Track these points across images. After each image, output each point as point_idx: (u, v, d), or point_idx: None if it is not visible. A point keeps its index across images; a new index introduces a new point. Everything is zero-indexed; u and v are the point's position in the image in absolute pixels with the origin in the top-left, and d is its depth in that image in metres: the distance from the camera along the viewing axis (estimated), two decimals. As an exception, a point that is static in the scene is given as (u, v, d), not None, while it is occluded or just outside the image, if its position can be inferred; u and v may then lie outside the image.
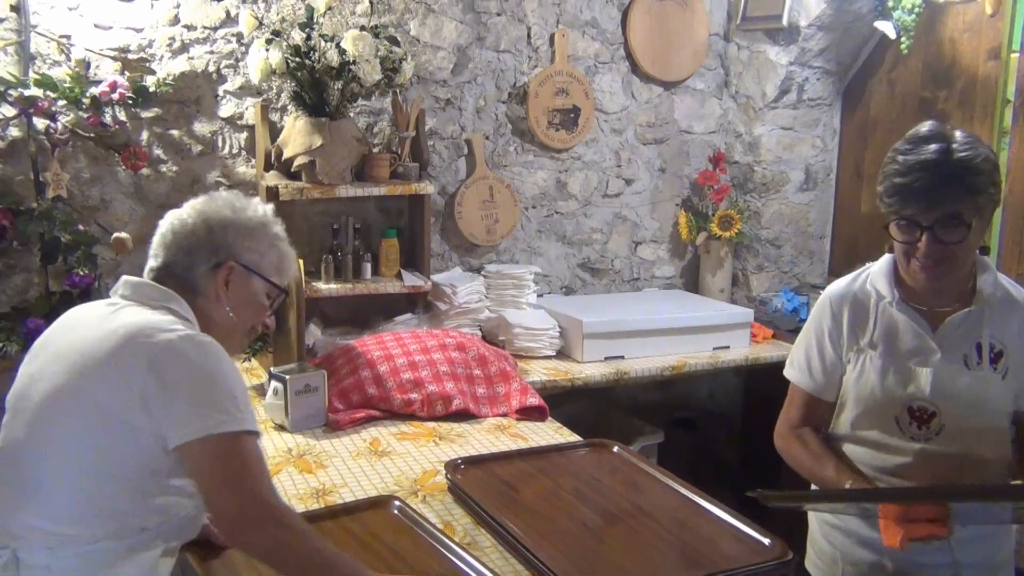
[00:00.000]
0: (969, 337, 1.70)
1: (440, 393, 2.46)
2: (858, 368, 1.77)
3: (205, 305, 1.57)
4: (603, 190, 3.65)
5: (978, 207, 1.59)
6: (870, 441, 1.77)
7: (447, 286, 3.14)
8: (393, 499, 1.85)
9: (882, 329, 1.75)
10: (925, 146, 1.60)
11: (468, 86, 3.34)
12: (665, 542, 1.72)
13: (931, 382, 1.69)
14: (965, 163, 1.57)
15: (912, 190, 1.58)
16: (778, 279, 3.82)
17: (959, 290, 1.71)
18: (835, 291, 1.83)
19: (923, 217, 1.59)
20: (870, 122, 3.63)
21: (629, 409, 3.63)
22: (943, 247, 1.60)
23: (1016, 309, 1.72)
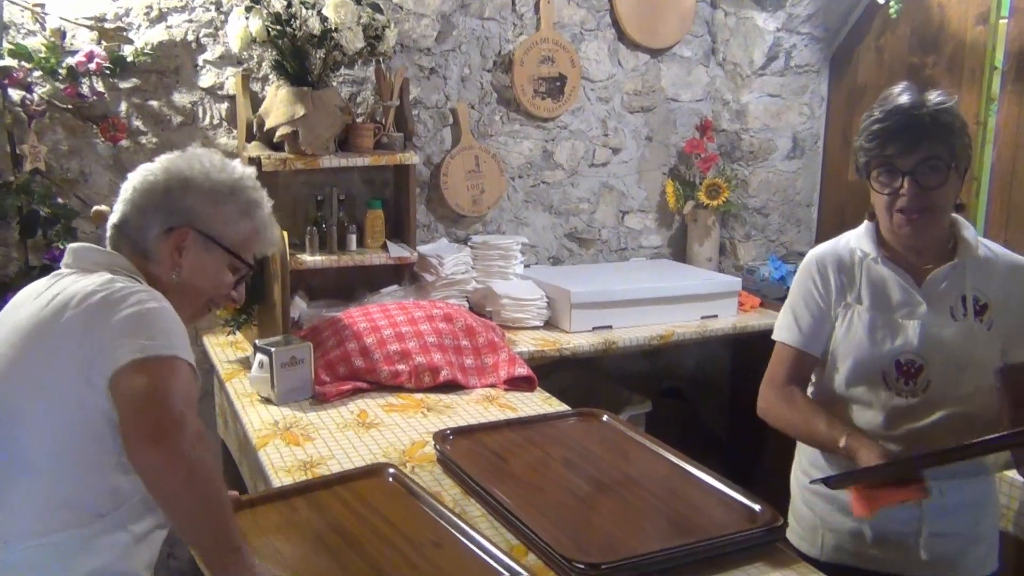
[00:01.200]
0: (953, 290, 1.73)
1: (428, 364, 2.44)
2: (846, 324, 1.79)
3: (156, 270, 1.49)
4: (590, 159, 3.62)
5: (954, 152, 1.64)
6: (857, 399, 1.80)
7: (433, 257, 3.11)
8: (388, 467, 1.83)
9: (868, 284, 1.78)
10: (901, 95, 1.68)
11: (452, 54, 3.30)
12: (655, 510, 1.71)
13: (919, 334, 1.71)
14: (940, 107, 1.64)
15: (891, 130, 1.64)
16: (765, 248, 3.82)
17: (939, 248, 1.75)
18: (819, 252, 1.87)
19: (903, 161, 1.64)
20: (858, 89, 3.61)
21: (617, 379, 3.63)
22: (925, 194, 1.64)
23: (996, 265, 1.76)
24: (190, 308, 1.54)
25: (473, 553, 1.52)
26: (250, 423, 2.19)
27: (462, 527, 1.58)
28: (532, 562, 1.52)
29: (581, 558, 1.45)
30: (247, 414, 2.24)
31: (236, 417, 2.29)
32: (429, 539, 1.57)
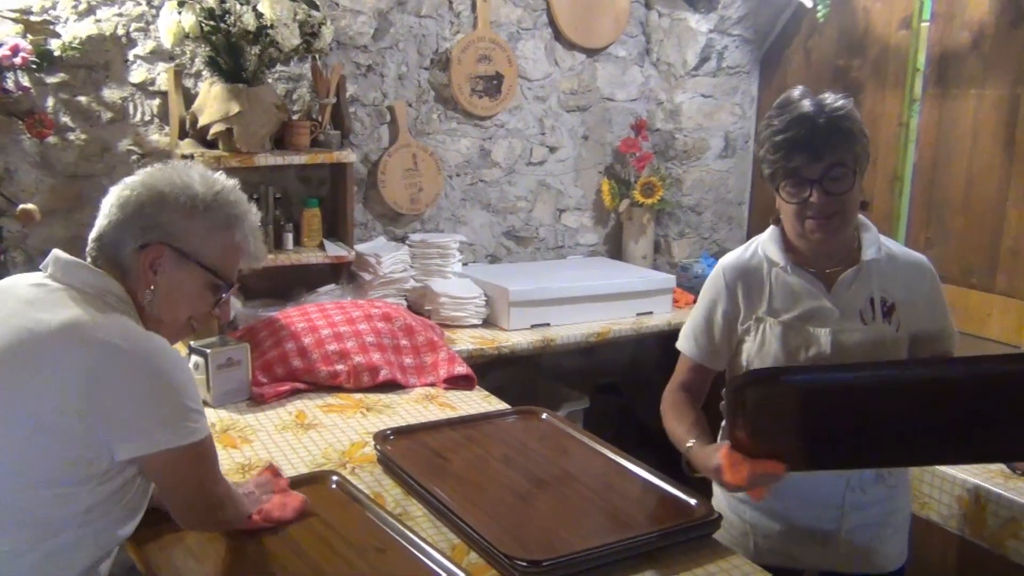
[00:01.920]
0: (861, 293, 1.75)
1: (366, 364, 2.44)
2: (758, 338, 1.79)
3: (134, 288, 1.43)
4: (527, 158, 3.65)
5: (856, 155, 1.66)
6: None
7: (371, 256, 3.10)
8: (331, 474, 1.83)
9: (779, 295, 1.78)
10: (800, 102, 1.67)
11: (390, 52, 3.29)
12: (594, 505, 1.74)
13: (831, 341, 1.72)
14: (839, 112, 1.64)
15: (794, 142, 1.63)
16: (699, 245, 3.89)
17: (845, 250, 1.77)
18: (727, 262, 1.86)
19: (809, 170, 1.63)
20: (787, 90, 3.69)
21: (555, 376, 3.66)
22: (833, 200, 1.65)
23: (899, 264, 1.79)
24: (169, 328, 1.48)
25: (416, 558, 1.52)
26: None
27: (405, 532, 1.58)
28: (474, 560, 1.54)
29: (522, 555, 1.47)
30: (182, 417, 2.21)
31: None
32: (373, 545, 1.57)
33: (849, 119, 1.66)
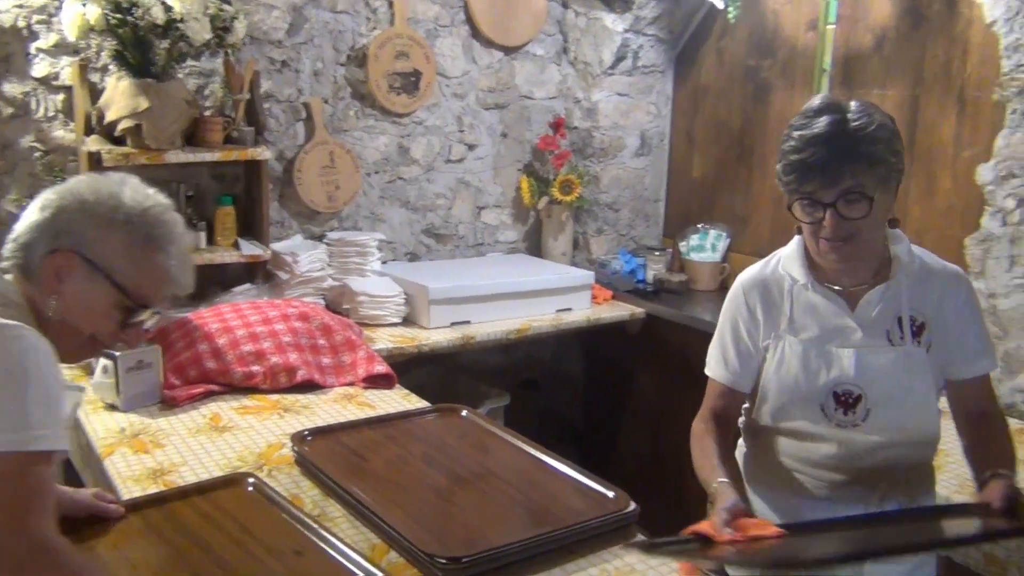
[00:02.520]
0: (889, 312, 1.64)
1: (283, 364, 2.40)
2: (778, 356, 1.69)
3: (36, 295, 1.35)
4: (446, 155, 3.64)
5: (879, 178, 1.53)
6: (795, 432, 1.70)
7: (288, 255, 3.05)
8: (247, 476, 1.79)
9: (799, 313, 1.68)
10: (818, 119, 1.54)
11: (305, 47, 3.24)
12: (514, 501, 1.75)
13: (855, 363, 1.63)
14: (860, 133, 1.52)
15: (809, 166, 1.52)
16: (617, 242, 3.94)
17: (873, 266, 1.66)
18: (746, 278, 1.76)
19: (824, 194, 1.53)
20: (700, 89, 3.77)
21: (476, 373, 3.67)
22: (848, 223, 1.54)
23: (933, 279, 1.67)
24: (69, 345, 1.37)
25: (334, 560, 1.51)
26: (93, 431, 2.09)
27: (323, 534, 1.56)
28: (394, 560, 1.53)
29: (442, 553, 1.46)
30: (90, 422, 2.14)
31: (78, 425, 2.18)
32: (290, 548, 1.54)
33: (872, 141, 1.52)
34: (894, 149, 1.55)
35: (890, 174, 1.55)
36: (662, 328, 3.40)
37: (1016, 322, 2.53)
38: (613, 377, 3.79)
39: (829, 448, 1.66)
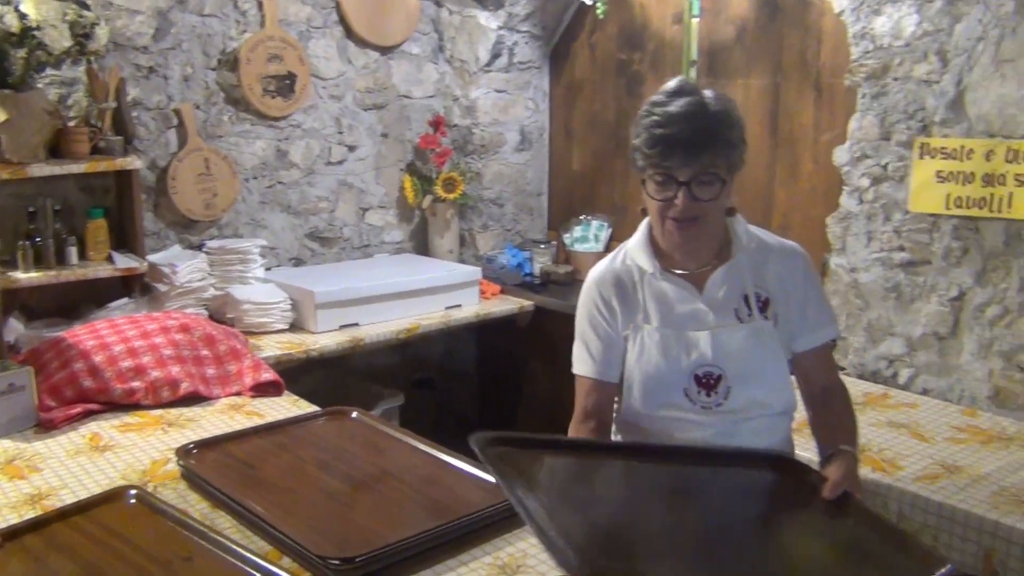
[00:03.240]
0: (734, 291, 1.71)
1: (165, 378, 2.34)
2: (638, 346, 1.73)
3: None
4: (326, 157, 3.60)
5: (731, 162, 1.61)
6: (664, 419, 1.73)
7: (165, 266, 2.97)
8: (128, 488, 1.74)
9: (652, 302, 1.73)
10: (678, 99, 1.59)
11: (172, 53, 3.15)
12: (411, 499, 1.75)
13: (711, 344, 1.68)
14: (721, 116, 1.59)
15: (674, 140, 1.56)
16: (503, 237, 3.98)
17: (715, 248, 1.72)
18: (596, 274, 1.81)
19: (681, 172, 1.58)
20: (576, 84, 3.85)
21: (368, 375, 3.65)
22: (698, 204, 1.59)
23: (771, 256, 1.74)
24: None
25: (227, 561, 1.49)
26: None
27: (213, 537, 1.54)
28: (287, 566, 1.51)
29: (336, 555, 1.46)
30: (-41, 451, 2.04)
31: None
32: (179, 555, 1.52)
33: (729, 125, 1.60)
34: (743, 138, 1.64)
35: (738, 161, 1.64)
36: (551, 319, 3.46)
37: (876, 294, 2.69)
38: (506, 370, 3.83)
39: (698, 431, 1.71)
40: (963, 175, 2.46)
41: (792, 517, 1.57)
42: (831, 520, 1.51)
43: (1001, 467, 2.06)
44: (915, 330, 2.62)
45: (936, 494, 1.91)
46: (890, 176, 2.63)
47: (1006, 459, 2.11)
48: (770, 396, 1.72)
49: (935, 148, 2.51)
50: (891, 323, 2.67)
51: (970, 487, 1.95)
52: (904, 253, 2.62)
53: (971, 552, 1.83)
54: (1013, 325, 2.42)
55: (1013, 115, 2.36)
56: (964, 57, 2.44)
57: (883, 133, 2.63)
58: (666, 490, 1.63)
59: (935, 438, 2.25)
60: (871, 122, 2.65)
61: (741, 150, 1.63)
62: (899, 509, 1.94)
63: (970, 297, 2.50)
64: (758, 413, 1.71)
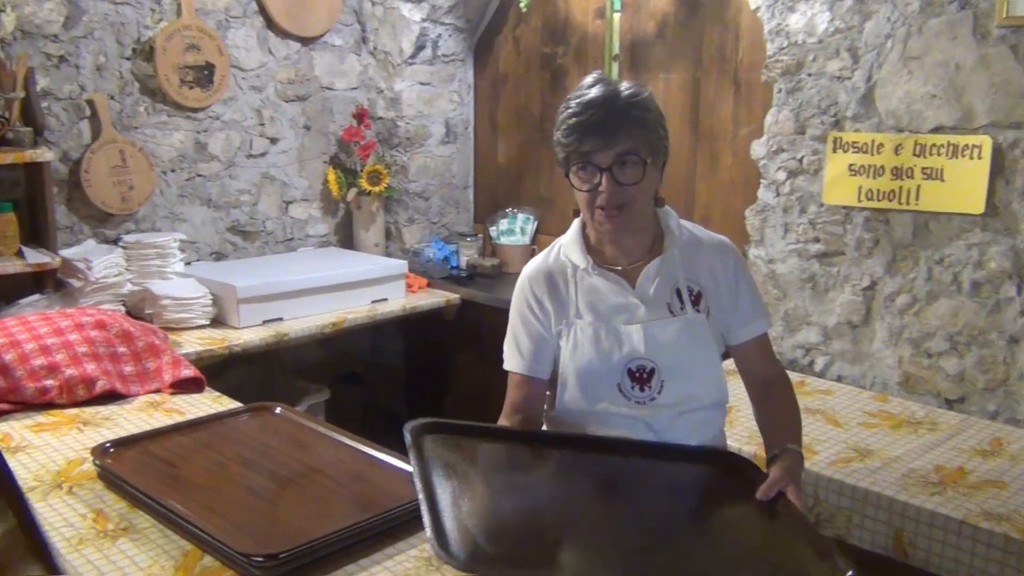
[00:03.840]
0: (666, 285, 1.72)
1: (81, 376, 2.27)
2: (571, 341, 1.74)
3: None
4: (247, 150, 3.54)
5: (651, 145, 1.63)
6: (598, 415, 1.75)
7: (80, 261, 2.88)
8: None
9: (584, 297, 1.74)
10: (594, 87, 1.63)
11: (84, 41, 3.05)
12: (337, 494, 1.74)
13: (643, 338, 1.69)
14: (633, 99, 1.62)
15: (587, 126, 1.60)
16: (429, 230, 3.97)
17: (647, 243, 1.74)
18: (531, 270, 1.81)
19: (601, 157, 1.60)
20: (500, 77, 3.86)
21: (294, 370, 3.61)
22: (623, 189, 1.62)
23: (702, 250, 1.76)
24: None
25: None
26: None
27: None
28: (208, 564, 1.49)
29: (259, 551, 1.45)
30: None
31: None
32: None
33: (644, 108, 1.62)
34: (662, 123, 1.66)
35: (659, 146, 1.66)
36: (478, 312, 3.47)
37: (793, 284, 2.77)
38: (434, 364, 3.83)
39: (633, 426, 1.72)
40: (874, 168, 2.55)
41: (721, 513, 1.60)
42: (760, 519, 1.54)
43: (910, 450, 2.15)
44: (830, 319, 2.71)
45: (849, 477, 1.99)
46: (805, 169, 2.71)
47: (915, 442, 2.20)
48: (702, 389, 1.74)
49: (847, 142, 2.59)
50: (807, 312, 2.76)
51: (881, 470, 2.03)
52: (819, 244, 2.70)
53: (882, 532, 1.91)
54: (921, 313, 2.52)
55: (920, 110, 2.46)
56: (874, 54, 2.52)
57: (798, 127, 2.71)
58: (596, 482, 1.64)
59: (849, 423, 2.33)
60: (787, 116, 2.73)
61: (660, 135, 1.66)
62: (815, 493, 2.01)
63: (881, 287, 2.60)
64: (692, 407, 1.73)
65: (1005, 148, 2.32)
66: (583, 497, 1.60)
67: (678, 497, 1.63)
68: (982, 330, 2.42)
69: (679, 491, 1.65)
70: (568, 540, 1.46)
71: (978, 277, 2.41)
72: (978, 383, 2.43)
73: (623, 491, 1.61)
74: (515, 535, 1.44)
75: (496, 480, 1.62)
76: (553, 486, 1.64)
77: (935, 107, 2.43)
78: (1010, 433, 2.28)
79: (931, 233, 2.48)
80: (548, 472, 1.67)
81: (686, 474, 1.68)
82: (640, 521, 1.52)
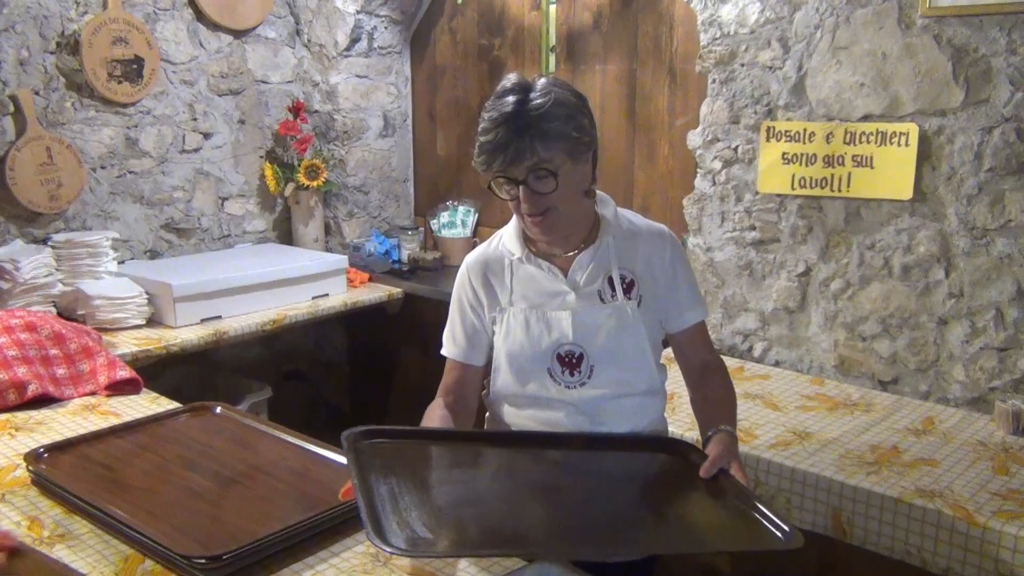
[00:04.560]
0: (599, 273, 1.74)
1: (11, 380, 2.20)
2: (504, 327, 1.77)
3: None
4: (180, 145, 3.47)
5: (566, 151, 1.59)
6: (531, 399, 1.78)
7: (7, 262, 2.79)
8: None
9: (518, 285, 1.77)
10: (505, 99, 1.59)
11: (5, 35, 2.95)
12: (282, 493, 1.72)
13: (572, 324, 1.72)
14: (536, 112, 1.57)
15: (495, 145, 1.58)
16: (369, 224, 3.94)
17: (582, 233, 1.75)
18: (471, 259, 1.84)
19: (513, 171, 1.59)
20: (438, 69, 3.84)
21: (235, 368, 3.55)
22: (543, 197, 1.61)
23: (639, 239, 1.77)
24: None
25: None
26: None
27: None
28: (149, 568, 1.46)
29: (201, 553, 1.42)
30: None
31: None
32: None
33: (549, 118, 1.57)
34: (578, 124, 1.61)
35: (576, 148, 1.61)
36: (420, 306, 3.46)
37: (731, 272, 2.82)
38: (377, 359, 3.80)
39: (564, 409, 1.75)
40: (806, 157, 2.60)
41: (665, 493, 1.63)
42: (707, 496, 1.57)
43: (846, 432, 2.21)
44: (767, 305, 2.76)
45: (788, 460, 2.03)
46: (740, 159, 2.75)
47: (851, 424, 2.26)
48: (632, 376, 1.76)
49: (780, 131, 2.64)
50: (745, 299, 2.80)
51: (819, 452, 2.08)
52: (755, 232, 2.75)
53: (821, 512, 1.96)
54: (854, 298, 2.59)
55: (849, 99, 2.51)
56: (804, 44, 2.57)
57: (732, 117, 2.75)
58: (536, 473, 1.67)
59: (787, 407, 2.38)
60: (721, 106, 2.77)
61: (575, 137, 1.61)
62: (755, 476, 2.05)
63: (815, 272, 2.65)
64: (623, 392, 1.75)
65: (931, 135, 2.39)
66: (524, 487, 1.62)
67: (620, 482, 1.66)
68: (913, 312, 2.49)
69: (622, 477, 1.67)
70: (509, 523, 1.48)
71: (908, 261, 2.48)
72: (910, 364, 2.51)
73: (564, 481, 1.63)
74: (455, 522, 1.46)
75: (434, 476, 1.64)
76: (493, 478, 1.66)
77: (864, 96, 2.49)
78: (941, 412, 2.35)
79: (862, 219, 2.55)
80: (488, 466, 1.69)
81: (627, 461, 1.71)
82: (583, 504, 1.55)
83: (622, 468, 1.69)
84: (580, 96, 1.67)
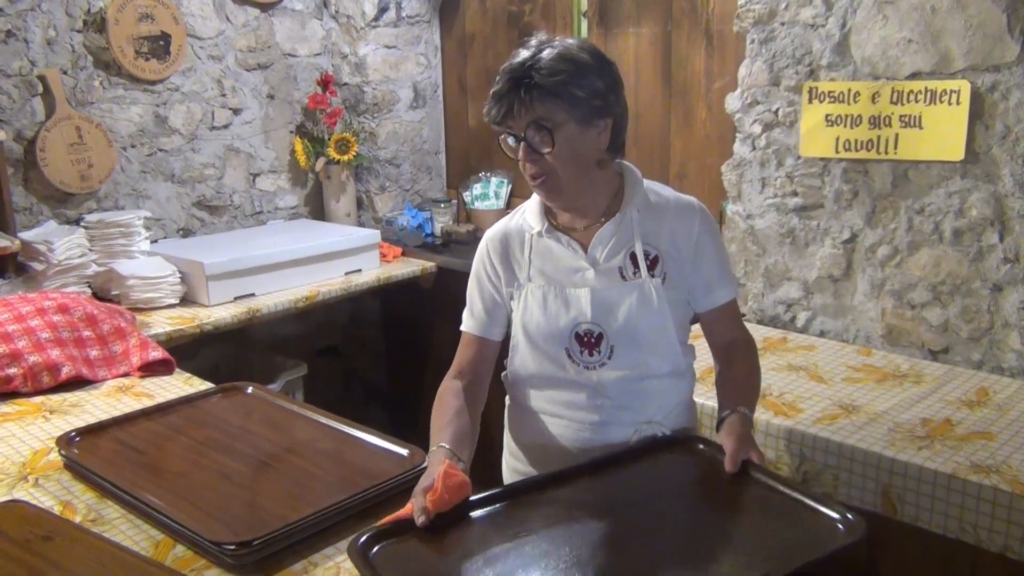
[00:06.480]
0: (620, 248, 1.67)
1: (45, 363, 2.20)
2: (522, 304, 1.72)
3: None
4: (209, 122, 3.44)
5: (567, 112, 1.54)
6: (549, 379, 1.72)
7: (40, 243, 2.79)
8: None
9: (537, 260, 1.71)
10: (519, 51, 1.58)
11: (32, 14, 2.93)
12: (314, 476, 1.68)
13: (591, 302, 1.65)
14: (542, 65, 1.52)
15: (500, 94, 1.56)
16: (401, 197, 3.90)
17: (601, 206, 1.69)
18: (491, 233, 1.80)
19: (514, 124, 1.56)
20: (467, 37, 3.76)
21: (270, 346, 3.54)
22: (540, 157, 1.57)
23: (666, 212, 1.69)
24: None
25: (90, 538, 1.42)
26: None
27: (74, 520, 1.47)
28: (181, 554, 1.44)
29: (231, 539, 1.40)
30: None
31: None
32: (37, 534, 1.43)
33: (551, 72, 1.52)
34: (588, 85, 1.54)
35: (583, 109, 1.55)
36: (455, 279, 3.40)
37: (772, 239, 2.73)
38: (411, 333, 3.77)
39: (583, 390, 1.69)
40: (851, 118, 2.50)
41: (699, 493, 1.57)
42: (737, 490, 1.50)
43: (895, 404, 2.12)
44: (810, 273, 2.67)
45: (835, 435, 1.95)
46: (781, 122, 2.65)
47: (900, 396, 2.18)
48: (655, 357, 1.69)
49: (823, 92, 2.54)
50: (787, 268, 2.72)
51: (867, 426, 2.00)
52: (797, 198, 2.66)
53: (870, 489, 1.88)
54: (902, 264, 2.49)
55: (896, 56, 2.40)
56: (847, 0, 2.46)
57: (772, 79, 2.64)
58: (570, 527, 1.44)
59: (833, 379, 2.30)
60: (760, 68, 2.66)
61: (580, 98, 1.54)
62: (800, 452, 1.98)
63: (861, 239, 2.55)
64: (645, 374, 1.68)
65: (984, 92, 2.27)
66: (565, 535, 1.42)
67: (655, 503, 1.51)
68: (965, 279, 2.38)
69: (653, 496, 1.52)
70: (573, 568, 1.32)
71: (959, 225, 2.37)
72: (962, 333, 2.41)
73: (599, 524, 1.45)
74: None
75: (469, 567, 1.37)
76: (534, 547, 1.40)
77: (911, 52, 2.37)
78: (996, 382, 2.26)
79: (911, 182, 2.44)
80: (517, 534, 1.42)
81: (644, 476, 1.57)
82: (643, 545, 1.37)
83: (646, 487, 1.55)
84: (600, 58, 1.59)
